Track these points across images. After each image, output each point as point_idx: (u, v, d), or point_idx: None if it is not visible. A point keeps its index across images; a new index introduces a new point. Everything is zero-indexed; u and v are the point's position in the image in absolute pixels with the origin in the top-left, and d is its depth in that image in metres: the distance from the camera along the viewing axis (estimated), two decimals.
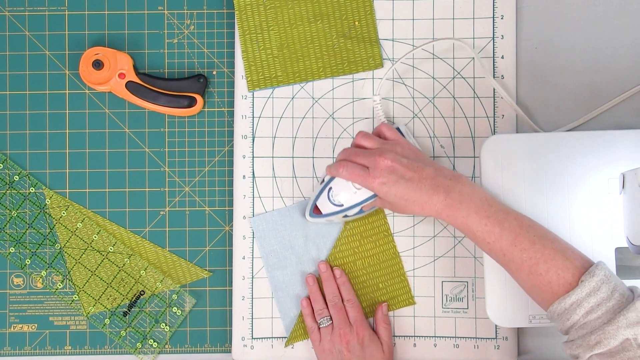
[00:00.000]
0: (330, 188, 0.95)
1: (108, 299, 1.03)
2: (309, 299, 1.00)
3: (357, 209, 0.95)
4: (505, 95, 1.00)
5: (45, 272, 1.04)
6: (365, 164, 0.89)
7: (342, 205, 0.95)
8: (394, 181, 0.87)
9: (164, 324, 1.03)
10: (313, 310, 0.99)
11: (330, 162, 1.03)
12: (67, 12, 1.05)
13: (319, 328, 0.98)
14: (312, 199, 0.98)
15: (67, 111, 1.05)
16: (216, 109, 1.05)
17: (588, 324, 0.77)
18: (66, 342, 1.04)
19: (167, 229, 1.04)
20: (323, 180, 0.97)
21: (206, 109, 1.05)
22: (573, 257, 0.81)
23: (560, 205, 0.93)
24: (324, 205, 0.96)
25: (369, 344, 0.96)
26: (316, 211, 0.97)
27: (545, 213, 0.93)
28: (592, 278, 0.78)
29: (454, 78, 1.03)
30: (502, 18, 1.03)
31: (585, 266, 0.80)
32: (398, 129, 0.98)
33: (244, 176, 1.03)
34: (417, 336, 1.01)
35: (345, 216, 0.97)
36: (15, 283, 1.04)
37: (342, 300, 0.99)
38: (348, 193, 0.94)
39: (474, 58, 1.03)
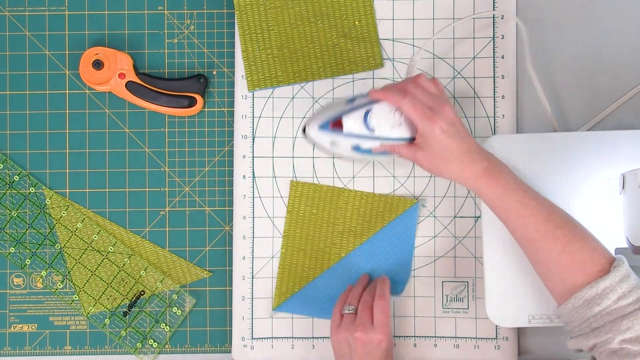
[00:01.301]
0: (370, 110, 0.89)
1: (108, 299, 1.03)
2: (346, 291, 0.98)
3: (384, 147, 0.89)
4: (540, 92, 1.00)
5: (45, 272, 1.04)
6: (430, 105, 0.86)
7: (374, 131, 0.89)
8: (454, 133, 0.85)
9: (164, 324, 1.03)
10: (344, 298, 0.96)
11: (328, 162, 1.03)
12: (67, 12, 1.05)
13: (342, 315, 0.94)
14: (332, 112, 0.91)
15: (67, 111, 1.05)
16: (216, 109, 1.05)
17: (619, 309, 0.77)
18: (66, 342, 1.04)
19: (167, 229, 1.04)
20: (354, 99, 0.91)
21: (206, 109, 1.05)
22: (598, 243, 0.82)
23: (561, 205, 0.93)
24: (352, 124, 0.89)
25: (382, 352, 0.91)
26: (337, 125, 0.90)
27: None
28: (623, 265, 0.79)
29: (454, 78, 1.03)
30: (502, 18, 1.03)
31: (610, 254, 0.81)
32: None
33: (244, 176, 1.03)
34: (417, 336, 1.01)
35: (359, 149, 0.90)
36: (15, 283, 1.04)
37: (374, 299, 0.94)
38: (387, 123, 0.88)
39: (474, 58, 1.03)
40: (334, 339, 0.93)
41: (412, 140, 0.89)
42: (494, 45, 1.03)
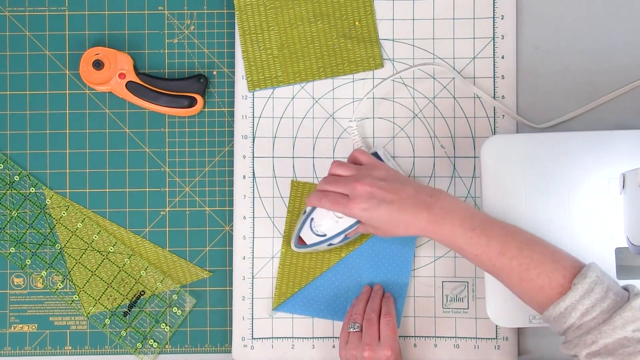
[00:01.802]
0: (312, 218, 0.95)
1: (108, 299, 1.03)
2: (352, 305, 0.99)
3: (341, 237, 0.95)
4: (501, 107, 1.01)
5: (45, 272, 1.04)
6: (344, 192, 0.88)
7: (325, 235, 0.95)
8: (375, 205, 0.86)
9: (164, 324, 1.03)
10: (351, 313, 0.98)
11: (328, 163, 1.03)
12: (67, 12, 1.05)
13: (349, 332, 0.95)
14: (296, 230, 0.97)
15: (68, 111, 1.05)
16: (216, 109, 1.05)
17: (584, 325, 0.77)
18: (66, 342, 1.04)
19: (167, 229, 1.04)
20: (305, 211, 0.96)
21: (206, 109, 1.05)
22: (562, 260, 0.81)
23: (560, 205, 0.93)
24: (308, 236, 0.96)
25: None
26: (301, 242, 0.97)
27: (545, 213, 0.93)
28: (585, 280, 0.78)
29: (454, 78, 1.03)
30: (502, 18, 1.03)
31: (576, 267, 0.80)
32: (376, 153, 0.99)
33: (244, 176, 1.03)
34: (417, 336, 1.01)
35: (330, 244, 0.96)
36: (15, 283, 1.04)
37: (380, 315, 0.96)
38: (330, 222, 0.94)
39: (474, 58, 1.03)
40: (342, 356, 0.95)
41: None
42: (494, 45, 1.03)
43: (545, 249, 0.82)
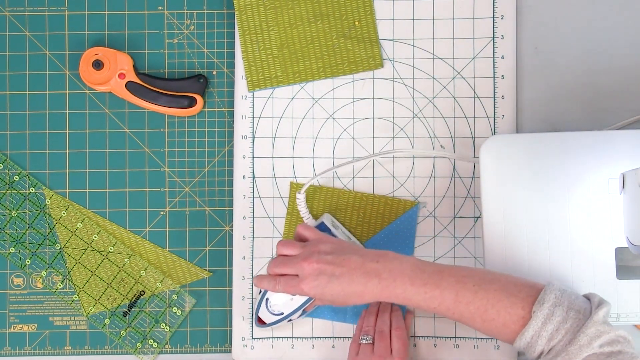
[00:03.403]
0: (267, 299, 0.95)
1: (108, 299, 1.03)
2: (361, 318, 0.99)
3: (299, 313, 0.95)
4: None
5: (45, 272, 1.04)
6: (294, 273, 0.89)
7: (282, 313, 0.95)
8: (326, 282, 0.86)
9: (164, 324, 1.03)
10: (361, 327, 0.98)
11: (328, 163, 1.03)
12: (67, 12, 1.05)
13: (359, 344, 0.96)
14: (255, 310, 0.97)
15: (67, 111, 1.05)
16: (216, 109, 1.05)
17: (553, 349, 0.78)
18: (66, 342, 1.04)
19: (167, 229, 1.04)
20: (260, 291, 0.97)
21: (206, 109, 1.05)
22: (517, 291, 0.81)
23: (560, 205, 0.93)
24: (266, 316, 0.96)
25: None
26: (260, 322, 0.97)
27: (545, 213, 0.93)
28: (543, 306, 0.79)
29: (454, 78, 1.03)
30: (502, 18, 1.03)
31: (533, 294, 0.81)
32: (322, 223, 0.98)
33: (244, 176, 1.03)
34: (417, 336, 1.01)
35: (290, 320, 0.96)
36: (15, 283, 1.04)
37: (391, 328, 0.96)
38: (285, 300, 0.94)
39: (474, 58, 1.03)
40: None
41: None
42: (494, 45, 1.03)
43: (499, 284, 0.82)
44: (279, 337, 1.02)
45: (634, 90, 1.02)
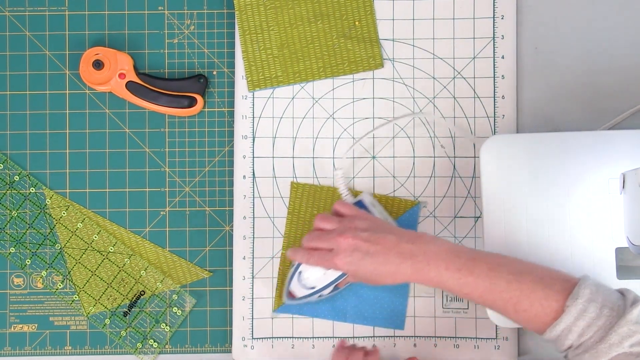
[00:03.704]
0: (300, 272, 0.95)
1: (108, 299, 1.03)
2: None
3: (330, 289, 0.95)
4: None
5: (45, 272, 1.04)
6: (328, 247, 0.88)
7: (314, 287, 0.95)
8: (360, 258, 0.86)
9: (164, 324, 1.03)
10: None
11: (328, 163, 1.03)
12: (67, 12, 1.05)
13: None
14: (286, 284, 0.97)
15: (67, 111, 1.05)
16: (216, 109, 1.05)
17: (583, 344, 0.77)
18: (66, 342, 1.04)
19: (167, 229, 1.04)
20: (293, 264, 0.96)
21: (206, 109, 1.05)
22: (552, 283, 0.81)
23: (560, 205, 0.93)
24: (297, 290, 0.96)
25: None
26: (291, 295, 0.97)
27: (545, 213, 0.93)
28: (577, 301, 0.78)
29: (454, 78, 1.03)
30: (502, 18, 1.03)
31: (567, 287, 0.80)
32: (360, 201, 0.98)
33: (244, 176, 1.03)
34: (417, 336, 1.01)
35: (321, 296, 0.96)
36: (15, 283, 1.04)
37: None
38: (318, 275, 0.94)
39: (474, 58, 1.03)
40: None
41: None
42: (494, 45, 1.03)
43: (534, 276, 0.82)
44: (279, 337, 1.02)
45: (634, 90, 1.02)
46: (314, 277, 0.94)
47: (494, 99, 1.03)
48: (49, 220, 1.04)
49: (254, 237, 1.03)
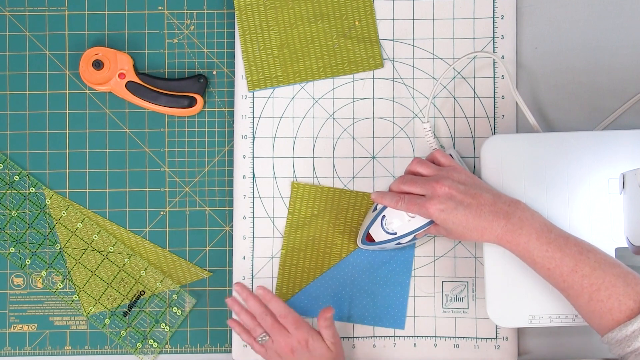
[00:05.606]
0: (384, 216, 0.95)
1: (108, 299, 1.03)
2: (235, 320, 0.96)
3: (410, 237, 0.95)
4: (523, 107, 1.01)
5: (45, 272, 1.04)
6: (422, 192, 0.88)
7: (395, 233, 0.94)
8: (453, 208, 0.86)
9: (164, 324, 1.03)
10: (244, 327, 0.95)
11: (328, 163, 1.03)
12: (67, 12, 1.05)
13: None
14: (364, 226, 0.97)
15: (67, 111, 1.05)
16: (216, 109, 1.05)
17: None
18: (66, 342, 1.04)
19: (167, 229, 1.04)
20: (375, 208, 0.96)
21: (206, 109, 1.05)
22: (635, 283, 0.80)
23: (560, 205, 0.93)
24: (377, 233, 0.95)
25: (314, 344, 0.92)
26: (369, 239, 0.96)
27: (545, 213, 0.93)
28: None
29: (454, 78, 1.03)
30: (502, 18, 1.03)
31: None
32: (450, 155, 0.97)
33: (244, 176, 1.03)
34: (417, 336, 1.01)
35: (399, 244, 0.96)
36: (15, 283, 1.04)
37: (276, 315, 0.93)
38: (402, 221, 0.94)
39: (474, 58, 1.03)
40: None
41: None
42: (494, 45, 1.03)
43: (619, 270, 0.81)
44: None
45: (634, 90, 1.02)
46: (397, 222, 0.94)
47: (494, 99, 1.03)
48: (48, 220, 1.04)
49: (253, 237, 1.03)
